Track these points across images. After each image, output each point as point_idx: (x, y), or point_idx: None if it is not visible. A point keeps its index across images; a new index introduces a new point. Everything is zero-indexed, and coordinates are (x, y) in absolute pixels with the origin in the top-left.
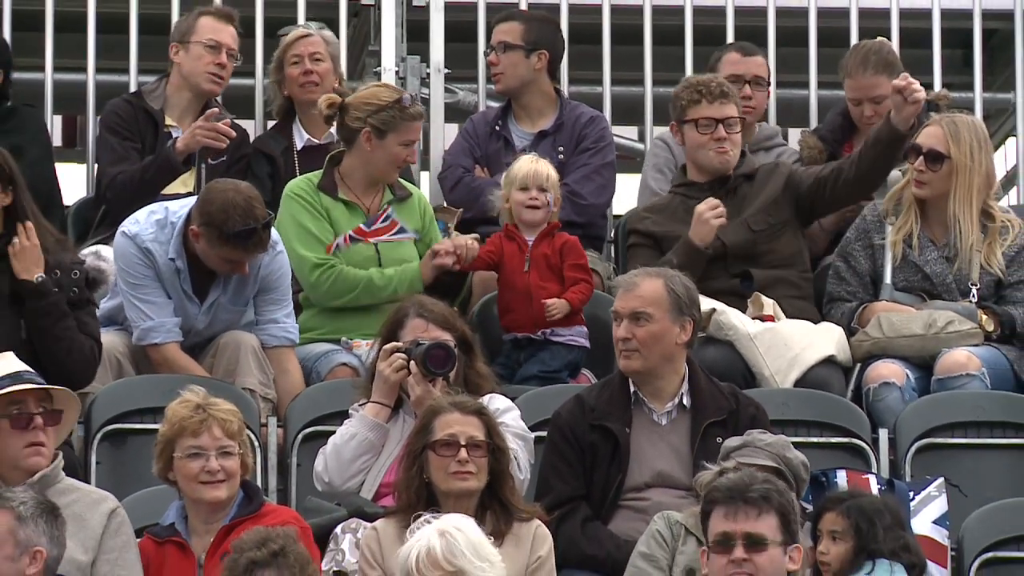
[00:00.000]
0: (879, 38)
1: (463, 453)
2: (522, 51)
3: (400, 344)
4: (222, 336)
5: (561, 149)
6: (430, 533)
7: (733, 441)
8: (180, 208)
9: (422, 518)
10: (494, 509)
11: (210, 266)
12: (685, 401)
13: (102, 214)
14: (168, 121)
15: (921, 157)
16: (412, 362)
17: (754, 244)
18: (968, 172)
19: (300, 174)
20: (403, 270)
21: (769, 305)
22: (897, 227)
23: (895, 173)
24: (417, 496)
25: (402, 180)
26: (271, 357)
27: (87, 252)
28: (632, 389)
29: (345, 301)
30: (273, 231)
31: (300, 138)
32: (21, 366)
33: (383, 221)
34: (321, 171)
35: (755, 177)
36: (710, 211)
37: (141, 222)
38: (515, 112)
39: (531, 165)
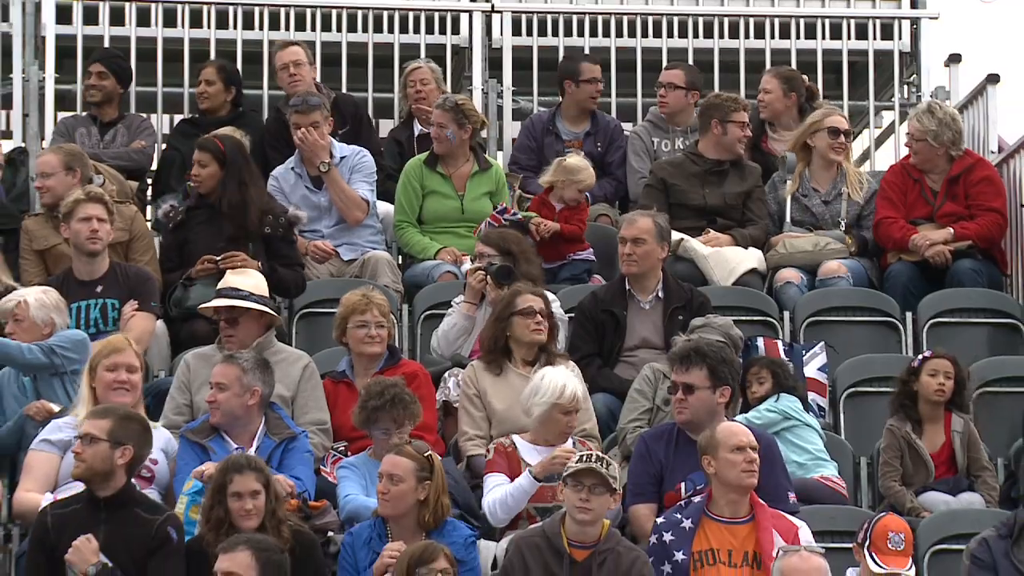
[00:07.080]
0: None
1: (539, 317)
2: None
3: (481, 264)
4: (368, 254)
5: (599, 144)
6: (567, 378)
7: (697, 321)
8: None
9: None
10: (546, 353)
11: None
12: (660, 294)
13: None
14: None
15: (841, 135)
16: (488, 276)
17: (724, 208)
18: (850, 138)
19: (418, 152)
20: (429, 248)
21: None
22: (794, 180)
23: (792, 156)
24: (497, 346)
25: (486, 156)
26: None
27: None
28: (627, 287)
29: (406, 249)
30: (362, 152)
31: (417, 130)
32: (236, 282)
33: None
34: (429, 152)
35: (740, 164)
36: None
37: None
38: (563, 116)
39: (583, 162)
